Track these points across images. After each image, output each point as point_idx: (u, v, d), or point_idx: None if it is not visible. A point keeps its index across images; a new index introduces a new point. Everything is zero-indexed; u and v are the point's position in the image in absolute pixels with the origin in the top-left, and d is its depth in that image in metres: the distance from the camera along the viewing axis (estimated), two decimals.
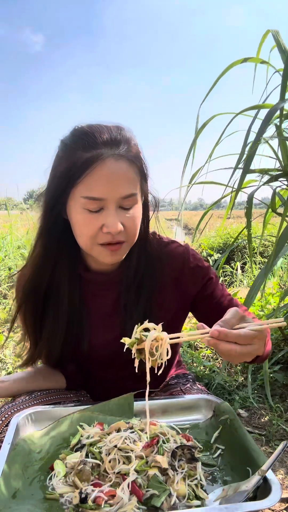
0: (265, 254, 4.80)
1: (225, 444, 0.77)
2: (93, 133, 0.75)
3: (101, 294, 0.94)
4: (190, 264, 0.94)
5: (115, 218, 0.75)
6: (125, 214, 0.78)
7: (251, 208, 1.61)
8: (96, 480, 0.65)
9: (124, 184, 0.75)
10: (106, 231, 0.76)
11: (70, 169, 0.74)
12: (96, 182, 0.74)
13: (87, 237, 0.78)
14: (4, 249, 4.27)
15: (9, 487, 0.64)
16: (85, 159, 0.73)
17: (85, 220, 0.76)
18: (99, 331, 0.95)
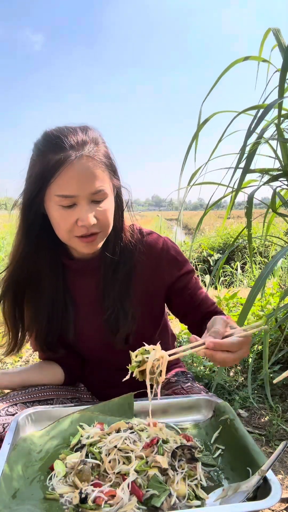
0: (265, 254, 4.80)
1: (225, 444, 0.77)
2: (61, 137, 0.82)
3: (84, 281, 1.00)
4: (168, 255, 1.00)
5: (87, 213, 0.82)
6: (97, 207, 0.84)
7: (251, 208, 1.61)
8: (96, 480, 0.65)
9: (92, 181, 0.82)
10: (81, 225, 0.83)
11: (43, 171, 0.82)
12: (66, 182, 0.81)
13: (64, 231, 0.85)
14: (4, 249, 4.27)
15: (9, 487, 0.64)
16: (55, 161, 0.80)
17: (61, 216, 0.84)
18: (84, 318, 1.00)
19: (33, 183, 0.84)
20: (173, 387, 1.02)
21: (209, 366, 2.06)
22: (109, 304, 0.96)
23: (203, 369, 2.05)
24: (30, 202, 0.87)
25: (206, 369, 2.04)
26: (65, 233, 0.86)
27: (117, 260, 0.96)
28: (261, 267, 4.31)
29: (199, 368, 2.05)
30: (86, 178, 0.81)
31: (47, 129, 0.87)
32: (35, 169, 0.84)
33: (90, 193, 0.82)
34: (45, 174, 0.81)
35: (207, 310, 1.02)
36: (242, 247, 4.97)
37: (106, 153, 0.87)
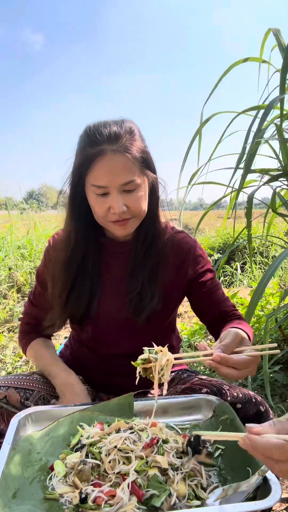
0: (265, 254, 4.80)
1: (225, 444, 0.77)
2: (96, 132, 0.90)
3: (115, 261, 1.06)
4: (194, 253, 1.07)
5: (117, 201, 0.90)
6: (128, 196, 0.92)
7: (251, 208, 1.61)
8: (96, 480, 0.65)
9: (122, 173, 0.89)
10: (112, 212, 0.91)
11: (82, 163, 0.91)
12: (99, 173, 0.89)
13: (99, 216, 0.95)
14: (4, 249, 4.27)
15: (9, 487, 0.64)
16: (90, 154, 0.89)
17: (96, 203, 0.93)
18: (109, 294, 1.04)
19: (75, 173, 0.95)
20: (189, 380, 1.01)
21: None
22: (136, 284, 1.01)
23: (203, 369, 2.06)
24: (74, 190, 0.96)
25: (206, 369, 2.05)
26: (100, 218, 0.95)
27: (148, 246, 1.02)
28: (261, 267, 4.31)
29: (199, 368, 2.05)
30: (116, 171, 0.89)
31: (88, 124, 0.95)
32: (76, 161, 0.94)
33: (120, 184, 0.89)
34: (83, 166, 0.91)
35: (225, 309, 1.05)
36: (242, 247, 4.96)
37: (139, 146, 0.93)
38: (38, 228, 4.95)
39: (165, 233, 1.05)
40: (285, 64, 1.35)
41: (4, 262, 3.96)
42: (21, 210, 5.87)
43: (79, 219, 1.00)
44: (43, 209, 8.24)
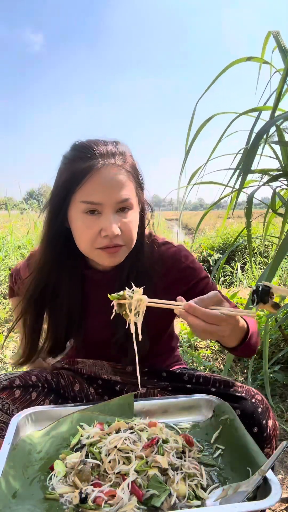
0: (265, 254, 4.80)
1: (225, 444, 0.77)
2: (91, 146, 0.83)
3: (99, 292, 0.96)
4: (180, 265, 0.98)
5: (112, 222, 0.81)
6: (121, 218, 0.83)
7: (251, 208, 1.61)
8: (96, 480, 0.65)
9: (119, 190, 0.81)
10: (104, 235, 0.81)
11: (70, 178, 0.82)
12: (93, 188, 0.80)
13: (87, 242, 0.84)
14: (4, 249, 4.27)
15: (9, 487, 0.64)
16: (83, 168, 0.80)
17: (84, 224, 0.82)
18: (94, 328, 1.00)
19: (60, 190, 0.84)
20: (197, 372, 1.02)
21: (209, 366, 2.06)
22: (119, 325, 0.91)
23: (203, 369, 2.06)
24: (56, 211, 0.86)
25: (206, 369, 2.05)
26: (87, 244, 0.84)
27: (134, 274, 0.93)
28: (261, 267, 4.31)
29: (199, 368, 2.05)
30: (112, 186, 0.80)
31: (77, 141, 0.87)
32: (62, 177, 0.84)
33: (116, 201, 0.81)
34: (72, 181, 0.81)
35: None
36: (242, 247, 4.97)
37: (133, 165, 0.87)
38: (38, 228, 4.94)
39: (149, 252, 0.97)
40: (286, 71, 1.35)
41: (4, 262, 3.96)
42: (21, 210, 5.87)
43: (55, 247, 0.90)
44: None
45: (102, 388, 1.01)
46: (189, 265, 0.99)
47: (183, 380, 0.99)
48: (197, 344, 2.38)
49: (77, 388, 1.00)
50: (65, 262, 0.93)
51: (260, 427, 0.82)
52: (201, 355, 2.20)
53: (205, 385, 0.94)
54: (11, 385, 0.90)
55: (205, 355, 2.24)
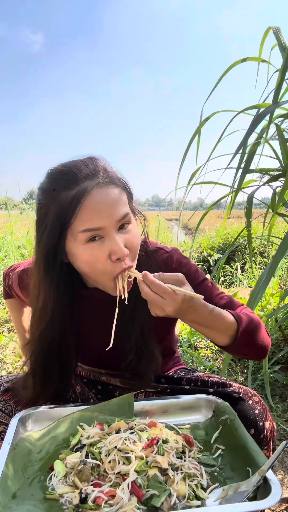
0: (265, 254, 4.80)
1: (225, 444, 0.77)
2: (71, 171, 0.77)
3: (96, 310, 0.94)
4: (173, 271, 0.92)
5: (119, 243, 0.75)
6: (125, 236, 0.78)
7: (251, 208, 1.61)
8: (96, 480, 0.65)
9: (116, 207, 0.76)
10: (116, 258, 0.76)
11: (60, 212, 0.75)
12: (89, 214, 0.74)
13: (99, 272, 0.78)
14: (4, 249, 4.27)
15: (9, 487, 0.64)
16: (71, 197, 0.74)
17: (91, 254, 0.76)
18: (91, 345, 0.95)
19: (52, 230, 0.77)
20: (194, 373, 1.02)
21: (209, 366, 2.06)
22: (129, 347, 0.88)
23: (203, 369, 2.06)
24: (53, 252, 0.79)
25: (206, 369, 2.05)
26: (100, 275, 0.78)
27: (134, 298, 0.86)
28: (261, 267, 4.31)
29: (199, 368, 2.05)
30: (108, 206, 0.75)
31: (51, 168, 0.80)
32: (50, 213, 0.76)
33: (116, 220, 0.76)
34: (63, 215, 0.75)
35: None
36: (242, 247, 4.97)
37: (119, 177, 0.82)
38: None
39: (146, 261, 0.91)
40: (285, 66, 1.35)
41: (4, 262, 3.96)
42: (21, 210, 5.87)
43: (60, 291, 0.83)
44: None
45: (102, 394, 1.01)
46: (182, 270, 0.90)
47: (182, 385, 0.99)
48: (197, 344, 2.38)
49: (78, 390, 1.00)
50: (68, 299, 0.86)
51: (257, 428, 0.82)
52: (201, 355, 2.20)
53: (203, 387, 0.94)
54: (13, 387, 0.90)
55: (205, 355, 2.24)
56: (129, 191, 0.84)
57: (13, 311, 1.23)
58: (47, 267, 0.81)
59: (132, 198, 0.86)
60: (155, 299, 0.72)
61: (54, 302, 0.83)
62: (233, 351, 0.91)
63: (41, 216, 0.79)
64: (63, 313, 0.86)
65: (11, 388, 0.90)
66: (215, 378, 0.96)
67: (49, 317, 0.84)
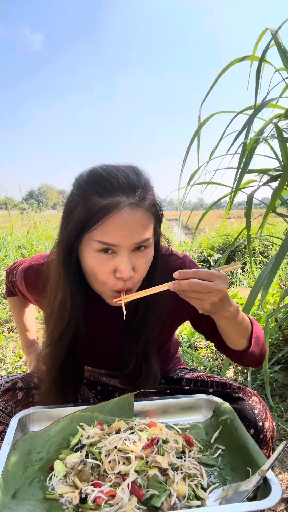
0: (265, 254, 4.80)
1: (225, 444, 0.77)
2: (110, 178, 0.75)
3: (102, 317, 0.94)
4: None
5: (127, 264, 0.75)
6: (137, 258, 0.78)
7: (250, 208, 1.61)
8: (96, 480, 0.65)
9: (139, 231, 0.75)
10: (119, 276, 0.76)
11: (87, 215, 0.75)
12: (111, 229, 0.73)
13: (100, 282, 0.79)
14: (4, 249, 4.27)
15: (9, 487, 0.64)
16: (101, 206, 0.73)
17: (98, 263, 0.77)
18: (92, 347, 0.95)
19: (74, 227, 0.77)
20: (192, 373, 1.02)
21: (209, 366, 2.06)
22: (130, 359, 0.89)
23: (203, 369, 2.06)
24: (70, 247, 0.80)
25: (206, 369, 2.05)
26: (101, 285, 0.79)
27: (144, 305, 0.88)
28: (261, 267, 4.31)
29: (199, 368, 2.06)
30: (131, 229, 0.74)
31: (94, 166, 0.80)
32: (77, 211, 0.77)
33: (133, 243, 0.75)
34: (88, 218, 0.74)
35: None
36: (242, 247, 4.97)
37: (154, 201, 0.80)
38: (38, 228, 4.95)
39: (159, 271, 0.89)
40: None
41: (4, 262, 3.96)
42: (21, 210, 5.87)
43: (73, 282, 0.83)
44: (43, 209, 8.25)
45: (101, 394, 1.01)
46: None
47: (181, 385, 0.99)
48: (197, 344, 2.38)
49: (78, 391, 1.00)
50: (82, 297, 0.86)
51: (257, 429, 0.82)
52: (201, 355, 2.20)
53: (202, 387, 0.94)
54: (13, 387, 0.90)
55: (205, 355, 2.24)
56: (159, 217, 0.83)
57: (15, 310, 1.21)
58: (65, 261, 0.81)
59: (161, 222, 0.85)
60: (206, 285, 0.69)
61: (72, 299, 0.83)
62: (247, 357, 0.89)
63: (70, 209, 0.79)
64: (79, 311, 0.85)
65: (11, 388, 0.90)
66: (215, 378, 0.96)
67: (68, 314, 0.84)
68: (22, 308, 1.21)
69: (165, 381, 1.03)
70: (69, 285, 0.82)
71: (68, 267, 0.82)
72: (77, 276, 0.83)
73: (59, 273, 0.83)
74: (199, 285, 0.69)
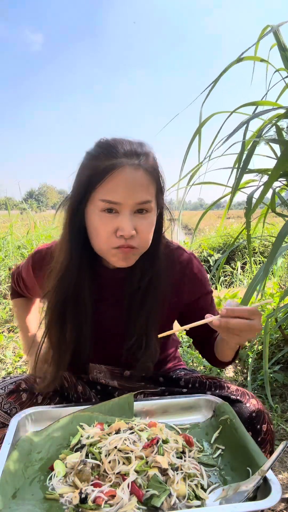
0: (265, 254, 4.80)
1: (225, 444, 0.77)
2: (116, 145, 0.82)
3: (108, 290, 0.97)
4: (190, 275, 0.98)
5: (128, 222, 0.79)
6: (139, 219, 0.81)
7: (250, 208, 1.61)
8: (96, 480, 0.65)
9: (140, 191, 0.80)
10: (120, 234, 0.80)
11: (92, 175, 0.80)
12: (114, 187, 0.78)
13: (103, 241, 0.82)
14: (4, 249, 4.27)
15: (9, 487, 0.64)
16: (106, 165, 0.79)
17: (101, 222, 0.81)
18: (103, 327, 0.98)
19: (80, 188, 0.83)
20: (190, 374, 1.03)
21: (208, 366, 2.06)
22: (133, 331, 0.92)
23: (203, 369, 2.06)
24: (76, 209, 0.84)
25: (206, 369, 2.05)
26: (103, 243, 0.82)
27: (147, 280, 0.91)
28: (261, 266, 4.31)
29: (199, 368, 2.06)
30: (133, 187, 0.79)
31: (102, 138, 0.86)
32: (84, 173, 0.83)
33: (135, 202, 0.79)
34: (93, 178, 0.80)
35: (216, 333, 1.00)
36: (242, 247, 4.97)
37: (156, 168, 0.85)
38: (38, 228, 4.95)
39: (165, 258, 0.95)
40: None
41: (4, 262, 3.96)
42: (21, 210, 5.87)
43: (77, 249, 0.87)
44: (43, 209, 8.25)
45: (101, 393, 1.01)
46: (198, 276, 0.99)
47: (179, 385, 1.00)
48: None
49: (80, 390, 1.00)
50: (85, 263, 0.90)
51: (255, 431, 0.82)
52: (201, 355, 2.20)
53: (200, 389, 0.94)
54: (17, 389, 0.90)
55: None
56: (160, 186, 0.87)
57: (19, 312, 1.22)
58: (70, 222, 0.86)
59: (163, 194, 0.89)
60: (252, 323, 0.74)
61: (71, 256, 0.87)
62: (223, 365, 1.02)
63: (78, 174, 0.85)
64: (80, 270, 0.89)
65: (16, 390, 0.90)
66: (214, 379, 0.96)
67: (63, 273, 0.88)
68: (26, 310, 1.22)
69: (164, 380, 1.03)
70: (73, 247, 0.87)
71: (73, 230, 0.86)
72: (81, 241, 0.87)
73: (64, 236, 0.88)
74: (244, 325, 0.73)
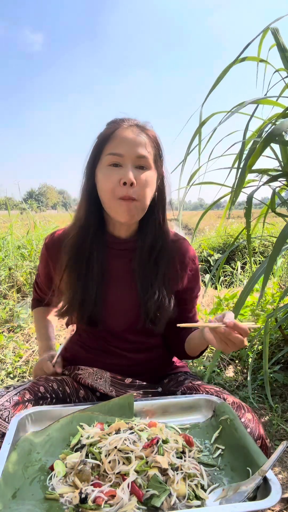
0: (265, 254, 4.80)
1: (225, 444, 0.77)
2: (122, 119, 1.00)
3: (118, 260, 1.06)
4: (194, 265, 1.09)
5: (130, 172, 0.93)
6: (139, 173, 0.94)
7: (250, 208, 1.61)
8: (96, 480, 0.65)
9: (139, 146, 0.94)
10: (123, 181, 0.92)
11: (102, 138, 0.97)
12: (117, 142, 0.94)
13: (108, 190, 0.94)
14: (4, 249, 4.27)
15: (9, 487, 0.64)
16: (111, 130, 0.96)
17: (107, 175, 0.94)
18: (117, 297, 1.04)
19: (94, 151, 0.98)
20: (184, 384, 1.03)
21: (208, 366, 2.06)
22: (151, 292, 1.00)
23: (203, 369, 2.06)
24: (91, 168, 0.99)
25: (206, 369, 2.05)
26: (108, 193, 0.94)
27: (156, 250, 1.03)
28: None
29: (199, 368, 2.06)
30: (133, 142, 0.94)
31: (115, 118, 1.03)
32: (96, 141, 0.99)
33: (134, 155, 0.93)
34: (102, 140, 0.96)
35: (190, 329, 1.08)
36: (242, 247, 4.97)
37: (155, 137, 1.00)
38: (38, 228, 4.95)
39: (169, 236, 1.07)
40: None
41: (4, 262, 3.96)
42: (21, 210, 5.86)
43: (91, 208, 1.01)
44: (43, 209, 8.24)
45: (101, 399, 1.01)
46: (197, 269, 1.10)
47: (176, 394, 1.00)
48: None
49: (81, 395, 1.01)
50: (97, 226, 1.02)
51: None
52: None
53: None
54: (23, 400, 0.90)
55: (205, 355, 2.24)
56: (159, 153, 1.00)
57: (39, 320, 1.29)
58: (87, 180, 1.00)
59: (161, 159, 1.01)
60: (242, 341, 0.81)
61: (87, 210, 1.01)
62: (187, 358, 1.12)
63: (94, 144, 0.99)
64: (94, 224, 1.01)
65: (21, 401, 0.90)
66: (212, 389, 0.96)
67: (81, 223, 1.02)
68: (45, 317, 1.29)
69: (166, 381, 1.03)
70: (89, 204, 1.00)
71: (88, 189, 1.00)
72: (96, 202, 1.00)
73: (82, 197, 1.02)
74: (240, 341, 0.80)
